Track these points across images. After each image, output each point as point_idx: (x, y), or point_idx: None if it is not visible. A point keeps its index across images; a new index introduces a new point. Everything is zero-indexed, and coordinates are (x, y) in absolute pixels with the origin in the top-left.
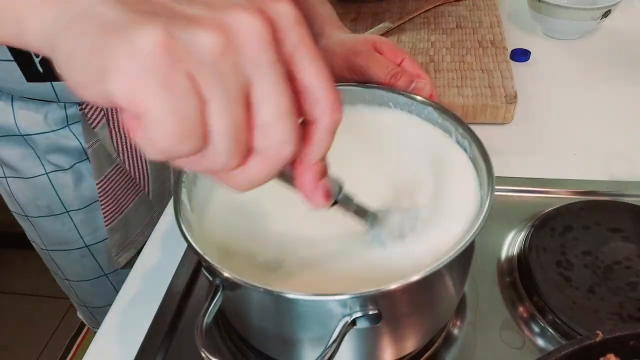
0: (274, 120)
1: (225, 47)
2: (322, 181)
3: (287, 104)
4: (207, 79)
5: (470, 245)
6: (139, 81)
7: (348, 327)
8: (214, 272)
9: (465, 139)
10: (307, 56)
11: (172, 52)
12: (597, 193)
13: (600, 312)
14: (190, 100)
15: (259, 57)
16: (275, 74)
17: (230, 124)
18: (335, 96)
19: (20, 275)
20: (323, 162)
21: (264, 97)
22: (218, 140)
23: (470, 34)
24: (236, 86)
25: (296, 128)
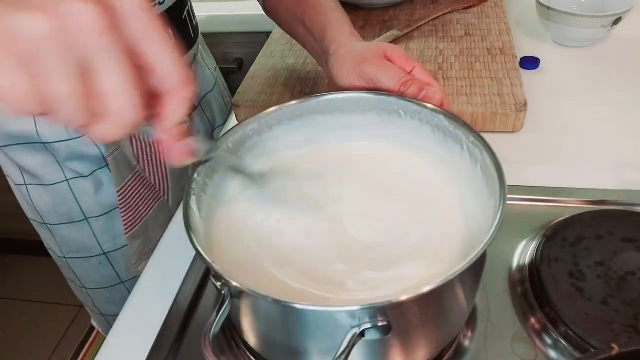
0: (112, 89)
1: (56, 29)
2: (181, 143)
3: (124, 76)
4: (39, 57)
5: (482, 255)
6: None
7: (357, 339)
8: (222, 280)
9: (476, 148)
10: (151, 39)
11: (3, 36)
12: (608, 202)
13: (614, 324)
14: (22, 73)
15: (91, 38)
16: (111, 51)
17: (65, 93)
18: (182, 73)
19: (30, 282)
20: (181, 127)
21: (101, 71)
22: (58, 105)
23: (479, 41)
24: (66, 62)
25: (137, 96)
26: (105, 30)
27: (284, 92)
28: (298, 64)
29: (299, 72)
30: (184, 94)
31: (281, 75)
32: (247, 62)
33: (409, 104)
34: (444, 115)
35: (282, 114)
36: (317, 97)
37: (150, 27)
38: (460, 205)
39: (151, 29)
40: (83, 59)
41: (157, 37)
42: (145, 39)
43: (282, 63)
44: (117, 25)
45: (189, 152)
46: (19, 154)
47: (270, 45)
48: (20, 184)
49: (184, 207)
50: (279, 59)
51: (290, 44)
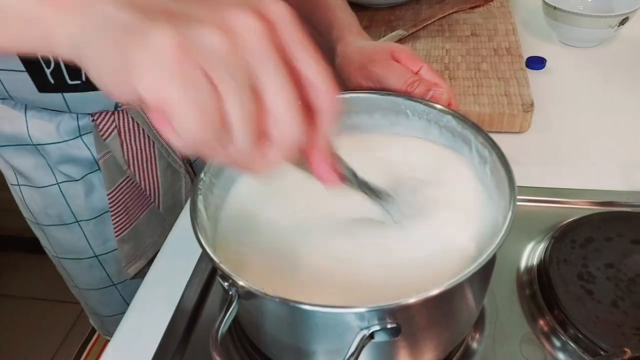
0: (283, 109)
1: (231, 44)
2: (333, 163)
3: (293, 95)
4: (219, 74)
5: (492, 257)
6: (161, 81)
7: (366, 341)
8: (230, 281)
9: (485, 148)
10: (305, 51)
11: (186, 49)
12: (617, 204)
13: (625, 327)
14: (207, 92)
15: (262, 53)
16: (279, 67)
17: (244, 113)
18: (333, 87)
19: (34, 280)
20: (331, 146)
21: (273, 89)
22: (236, 128)
23: (485, 41)
24: (245, 79)
25: (300, 117)
26: (270, 43)
27: None
28: None
29: None
30: (335, 110)
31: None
32: None
33: (416, 104)
34: (452, 115)
35: None
36: None
37: (301, 38)
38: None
39: (302, 39)
40: (252, 76)
41: (308, 49)
42: (299, 51)
43: None
44: (278, 36)
45: (341, 175)
46: (11, 155)
47: None
48: (14, 184)
49: (191, 207)
50: None
51: None
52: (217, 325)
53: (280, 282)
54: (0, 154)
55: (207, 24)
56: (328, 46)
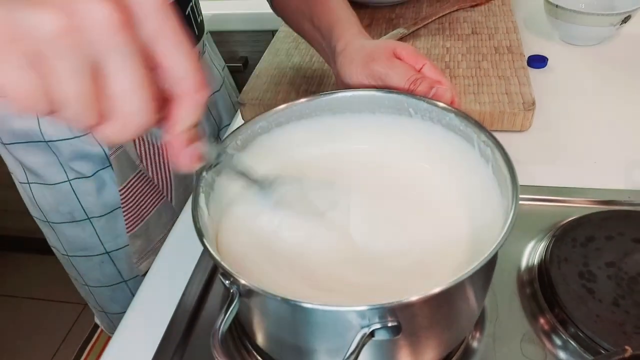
0: (124, 92)
1: (67, 27)
2: (190, 147)
3: (136, 78)
4: (49, 54)
5: (494, 256)
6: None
7: (366, 339)
8: (231, 279)
9: (488, 147)
10: (167, 41)
11: (12, 33)
12: (618, 203)
13: (626, 326)
14: (29, 72)
15: (106, 38)
16: (122, 52)
17: (73, 93)
18: (196, 77)
19: (34, 280)
20: (190, 131)
21: (113, 72)
22: (66, 105)
23: (486, 40)
24: (76, 61)
25: (147, 100)
26: (119, 30)
27: (289, 91)
28: (304, 62)
29: (304, 70)
30: (197, 98)
31: (287, 74)
32: (252, 60)
33: (419, 102)
34: (455, 113)
35: (291, 112)
36: (327, 94)
37: (167, 27)
38: (471, 205)
39: (167, 29)
40: (94, 59)
41: (172, 38)
42: (161, 40)
43: (287, 61)
44: (132, 25)
45: (198, 157)
46: (22, 153)
47: (276, 44)
48: (23, 182)
49: (193, 205)
50: (284, 58)
51: (295, 42)
52: (218, 323)
53: (281, 281)
54: (10, 151)
55: (46, 7)
56: (329, 45)
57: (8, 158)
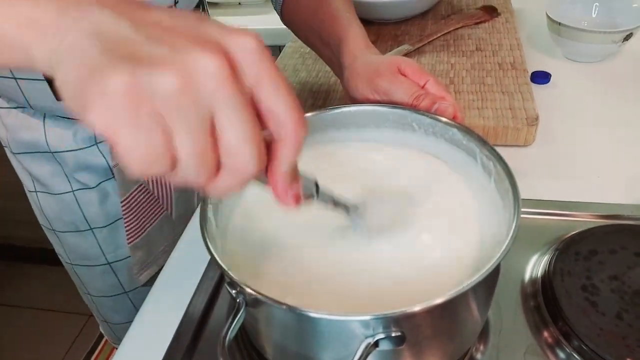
0: (237, 143)
1: (183, 85)
2: (292, 186)
3: (248, 129)
4: (169, 114)
5: (496, 268)
6: (109, 118)
7: (370, 349)
8: (237, 288)
9: (490, 161)
10: (269, 84)
11: (136, 93)
12: (621, 217)
13: (629, 339)
14: (153, 133)
15: (216, 92)
16: (234, 104)
17: (193, 150)
18: (297, 118)
19: (39, 290)
20: (292, 170)
21: (225, 125)
22: (185, 163)
23: (490, 56)
24: (196, 117)
25: (259, 148)
26: (229, 82)
27: None
28: (310, 77)
29: (311, 85)
30: (299, 137)
31: (294, 89)
32: None
33: (422, 117)
34: (458, 128)
35: None
36: (332, 109)
37: (267, 69)
38: (474, 218)
39: (268, 71)
40: (209, 113)
41: (274, 80)
42: (263, 84)
43: (294, 76)
44: (239, 74)
45: (302, 195)
46: (30, 162)
47: (283, 59)
48: (32, 190)
49: (201, 216)
50: (291, 73)
51: (302, 58)
52: (224, 332)
53: (287, 291)
54: (19, 160)
55: (164, 66)
56: (337, 59)
57: (18, 167)
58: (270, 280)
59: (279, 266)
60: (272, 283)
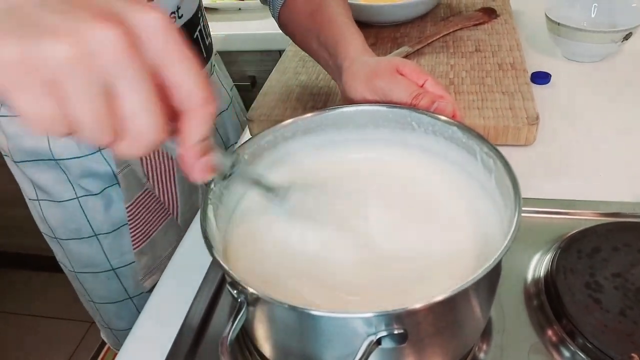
0: (135, 111)
1: (78, 54)
2: (202, 159)
3: (145, 98)
4: (62, 81)
5: (497, 265)
6: (4, 83)
7: (373, 347)
8: (239, 288)
9: (490, 158)
10: (173, 59)
11: (28, 61)
12: (623, 215)
13: (634, 336)
14: (46, 98)
15: (113, 62)
16: (131, 73)
17: (89, 115)
18: (201, 92)
19: (41, 298)
20: (203, 143)
21: (123, 93)
22: (83, 126)
23: (489, 57)
24: (90, 85)
25: (158, 118)
26: (126, 53)
27: (297, 107)
28: (310, 80)
29: (311, 88)
30: (206, 112)
31: (294, 91)
32: (260, 79)
33: (422, 116)
34: (457, 126)
35: (297, 127)
36: (332, 109)
37: (172, 45)
38: (475, 216)
39: (173, 46)
40: (105, 81)
41: (178, 55)
42: (167, 58)
43: (294, 79)
44: (139, 46)
45: (211, 168)
46: (32, 170)
47: (283, 63)
48: (33, 199)
49: (201, 217)
50: (291, 75)
51: (302, 61)
52: (226, 332)
53: (288, 291)
54: (21, 169)
55: (59, 36)
56: (335, 63)
57: (19, 175)
58: (271, 281)
59: (281, 266)
60: (273, 284)
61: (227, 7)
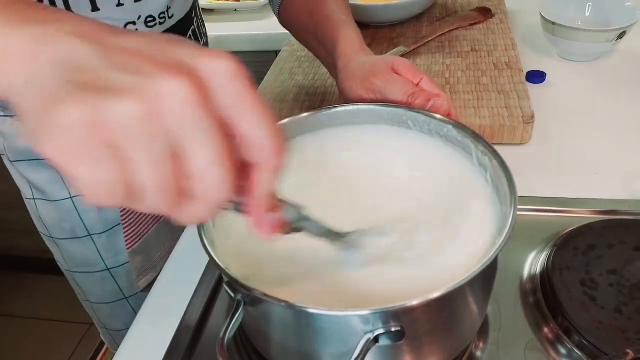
0: (205, 167)
1: (144, 112)
2: (271, 214)
3: (217, 153)
4: (128, 144)
5: (493, 262)
6: (64, 151)
7: (370, 344)
8: (236, 287)
9: (485, 156)
10: (245, 108)
11: (92, 123)
12: (619, 212)
13: (628, 332)
14: (109, 165)
15: (183, 116)
16: (202, 127)
17: (154, 180)
18: (274, 144)
19: (40, 300)
20: (270, 197)
21: (193, 149)
22: (147, 193)
23: (485, 56)
24: (158, 146)
25: (229, 172)
26: (198, 106)
27: (293, 107)
28: (307, 80)
29: (307, 88)
30: (277, 164)
31: (290, 91)
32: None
33: (417, 115)
34: (453, 125)
35: (294, 126)
36: (328, 109)
37: (244, 93)
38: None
39: (244, 95)
40: (175, 139)
41: (250, 104)
42: (239, 108)
43: (290, 80)
44: (209, 96)
45: (281, 224)
46: (27, 170)
47: (279, 63)
48: (29, 197)
49: None
50: (287, 76)
51: (299, 61)
52: (223, 331)
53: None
54: (17, 168)
55: (125, 94)
56: (333, 61)
57: (15, 175)
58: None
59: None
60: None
61: (223, 8)
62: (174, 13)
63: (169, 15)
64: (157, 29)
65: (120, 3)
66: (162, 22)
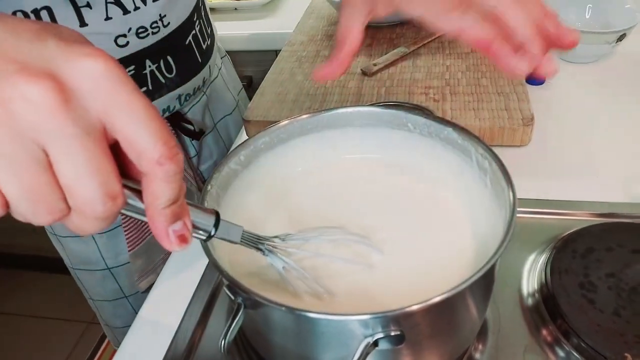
0: (74, 181)
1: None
2: (174, 225)
3: (88, 164)
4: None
5: (493, 266)
6: None
7: (370, 348)
8: (236, 290)
9: (485, 159)
10: (122, 112)
11: None
12: (618, 215)
13: (627, 336)
14: None
15: (41, 124)
16: (65, 136)
17: (20, 190)
18: (159, 148)
19: (39, 298)
20: (173, 207)
21: (59, 160)
22: (15, 204)
23: (485, 58)
24: (18, 153)
25: (105, 184)
26: (57, 111)
27: (293, 108)
28: (307, 80)
29: (307, 88)
30: (166, 171)
31: (290, 92)
32: (256, 80)
33: (417, 118)
34: (453, 127)
35: (293, 128)
36: (328, 111)
37: (116, 96)
38: (470, 218)
39: (117, 97)
40: (38, 147)
41: (126, 107)
42: (112, 112)
43: (291, 80)
44: (72, 102)
45: (187, 235)
46: None
47: (280, 63)
48: None
49: None
50: (288, 76)
51: (299, 61)
52: (224, 334)
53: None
54: None
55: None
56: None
57: None
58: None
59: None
60: (271, 286)
61: (223, 7)
62: (170, 21)
63: (164, 23)
64: (150, 38)
65: (108, 17)
66: (155, 32)
